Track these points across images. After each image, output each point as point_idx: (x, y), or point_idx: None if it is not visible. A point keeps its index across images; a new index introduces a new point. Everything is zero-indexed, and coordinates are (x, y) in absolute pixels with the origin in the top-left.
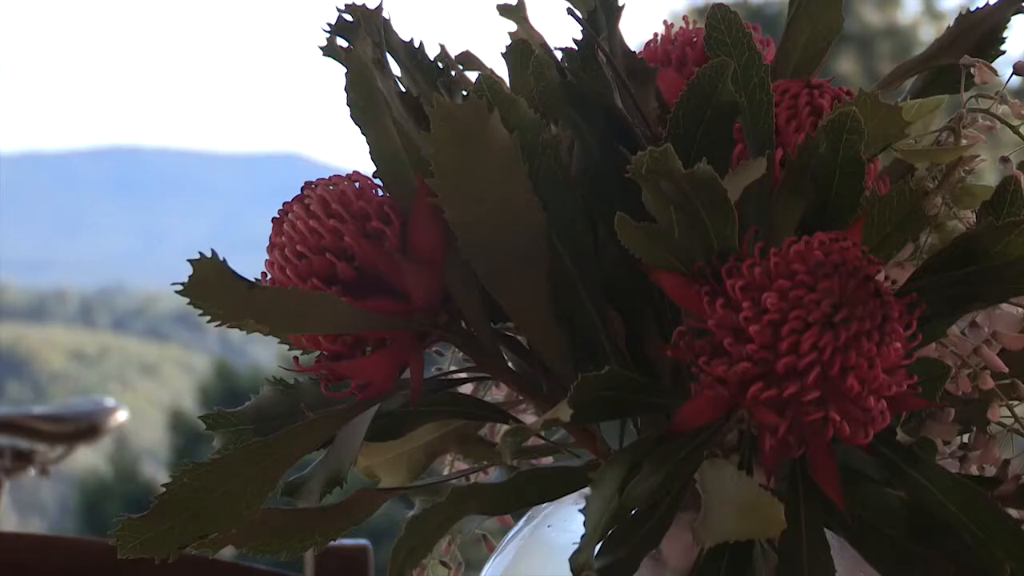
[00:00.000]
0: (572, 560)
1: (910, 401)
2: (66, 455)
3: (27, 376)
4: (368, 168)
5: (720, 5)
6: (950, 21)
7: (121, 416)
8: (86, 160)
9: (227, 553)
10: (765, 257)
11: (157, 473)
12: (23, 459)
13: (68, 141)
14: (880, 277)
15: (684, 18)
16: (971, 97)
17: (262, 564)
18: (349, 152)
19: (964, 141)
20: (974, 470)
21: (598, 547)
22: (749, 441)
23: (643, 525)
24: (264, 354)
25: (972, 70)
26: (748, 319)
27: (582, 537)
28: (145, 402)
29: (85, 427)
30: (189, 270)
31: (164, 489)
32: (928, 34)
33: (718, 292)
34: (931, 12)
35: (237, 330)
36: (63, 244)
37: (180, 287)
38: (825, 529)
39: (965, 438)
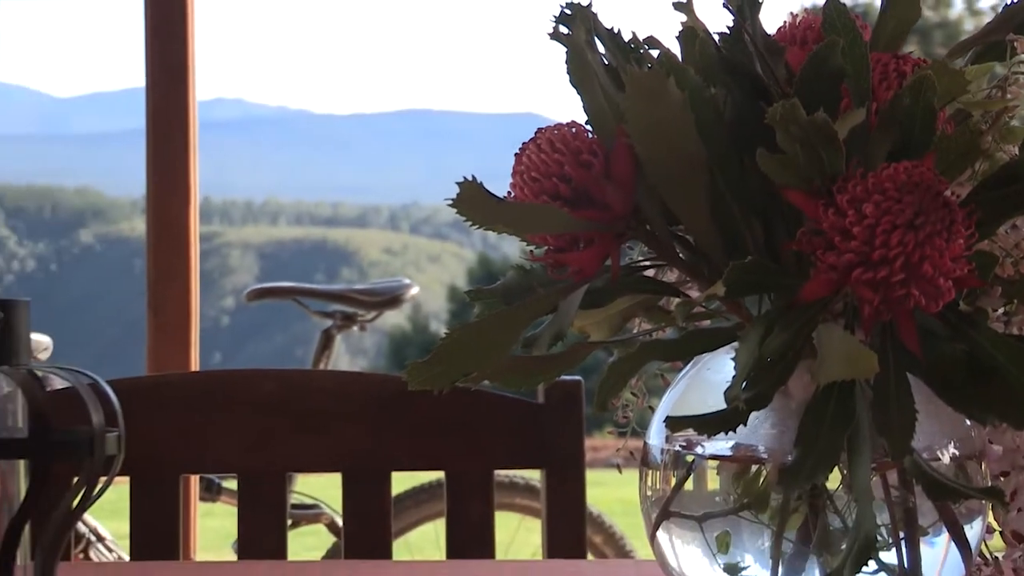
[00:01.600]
0: (726, 393)
1: (969, 281)
2: (378, 317)
3: (354, 264)
4: (582, 119)
5: (834, 0)
6: (986, 15)
7: (415, 291)
8: (393, 119)
9: (484, 386)
10: (864, 179)
11: (440, 329)
12: (349, 320)
13: (380, 106)
14: (948, 192)
15: (805, 10)
16: (1014, 63)
17: (509, 394)
18: (569, 109)
19: (1009, 95)
20: (1015, 331)
21: (744, 384)
22: (852, 310)
23: (776, 369)
24: (511, 249)
25: (1015, 44)
26: (852, 222)
27: (733, 377)
28: (432, 281)
29: (390, 298)
30: (458, 190)
31: (440, 342)
32: (969, 25)
33: (830, 204)
34: (972, 9)
35: (492, 232)
36: (378, 175)
37: (451, 201)
38: (907, 372)
39: (1009, 307)
